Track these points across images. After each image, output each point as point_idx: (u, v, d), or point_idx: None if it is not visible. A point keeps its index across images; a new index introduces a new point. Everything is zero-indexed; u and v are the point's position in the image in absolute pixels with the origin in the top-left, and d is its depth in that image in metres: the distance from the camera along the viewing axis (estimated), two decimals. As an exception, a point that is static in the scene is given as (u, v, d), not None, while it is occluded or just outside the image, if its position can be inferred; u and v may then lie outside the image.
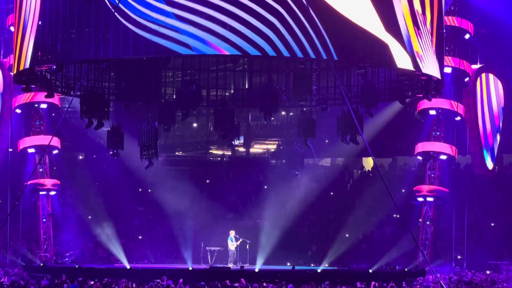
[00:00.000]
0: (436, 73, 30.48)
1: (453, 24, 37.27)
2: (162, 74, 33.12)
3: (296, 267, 35.27)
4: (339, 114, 32.60)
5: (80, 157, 44.84)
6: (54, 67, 30.45)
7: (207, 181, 46.43)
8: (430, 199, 37.85)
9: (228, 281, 28.29)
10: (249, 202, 44.43)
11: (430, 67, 30.11)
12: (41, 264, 35.84)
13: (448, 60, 36.15)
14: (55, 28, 28.64)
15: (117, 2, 26.27)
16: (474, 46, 39.50)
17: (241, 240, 35.74)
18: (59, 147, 38.20)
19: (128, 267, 33.90)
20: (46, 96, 34.05)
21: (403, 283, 30.33)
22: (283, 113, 37.72)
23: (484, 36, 40.44)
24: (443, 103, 37.30)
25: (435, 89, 32.91)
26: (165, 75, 33.34)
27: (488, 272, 37.69)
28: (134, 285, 27.39)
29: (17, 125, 38.52)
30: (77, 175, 42.16)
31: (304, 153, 36.71)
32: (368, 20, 27.59)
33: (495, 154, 41.16)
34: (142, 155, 33.06)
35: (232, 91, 34.10)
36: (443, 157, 38.02)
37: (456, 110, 37.56)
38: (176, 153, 47.54)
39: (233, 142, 35.49)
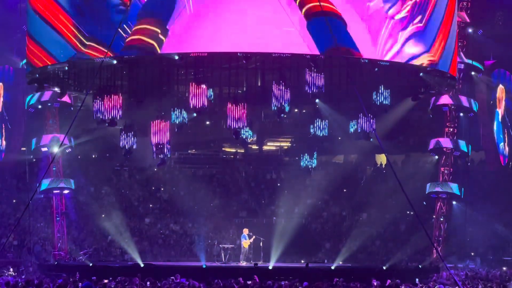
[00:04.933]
0: (449, 69, 30.38)
1: (465, 20, 37.12)
2: (175, 71, 33.07)
3: (310, 265, 35.22)
4: (351, 111, 32.51)
5: (93, 156, 44.88)
6: (67, 65, 30.55)
7: (220, 179, 46.41)
8: (443, 195, 37.78)
9: (241, 278, 28.23)
10: (262, 199, 44.41)
11: (444, 63, 30.03)
12: (56, 263, 35.93)
13: (461, 56, 36.00)
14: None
15: None
16: (486, 42, 39.31)
17: (254, 237, 35.71)
18: (72, 145, 38.26)
19: (142, 265, 33.93)
20: (59, 95, 34.18)
21: (416, 280, 30.19)
22: (296, 110, 37.51)
23: (497, 32, 40.25)
24: (456, 99, 37.16)
25: (449, 85, 32.82)
26: (177, 73, 33.28)
27: (504, 268, 37.53)
28: (148, 283, 27.39)
29: (30, 124, 38.59)
30: (90, 174, 42.25)
31: None
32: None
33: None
34: (154, 153, 33.20)
35: (244, 89, 34.02)
36: (456, 153, 37.89)
37: (469, 106, 37.40)
38: (189, 151, 47.51)
39: (246, 140, 35.46)
